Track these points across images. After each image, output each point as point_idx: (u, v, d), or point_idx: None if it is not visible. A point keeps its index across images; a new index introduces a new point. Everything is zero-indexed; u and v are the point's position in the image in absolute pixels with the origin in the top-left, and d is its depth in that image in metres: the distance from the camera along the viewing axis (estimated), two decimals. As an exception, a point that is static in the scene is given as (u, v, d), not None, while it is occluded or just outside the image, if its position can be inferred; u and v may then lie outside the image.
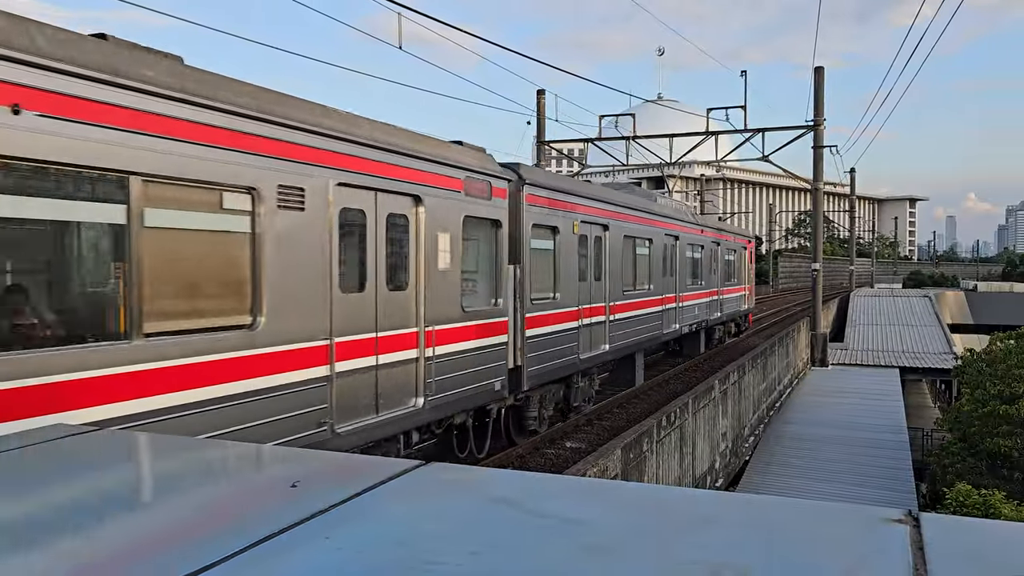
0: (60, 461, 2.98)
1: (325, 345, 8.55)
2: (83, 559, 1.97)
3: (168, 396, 6.75)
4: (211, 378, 7.15)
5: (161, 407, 6.67)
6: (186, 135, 6.90)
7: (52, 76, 5.86)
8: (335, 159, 8.69)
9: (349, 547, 1.95)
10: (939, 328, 48.29)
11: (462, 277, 11.23)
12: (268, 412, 7.73)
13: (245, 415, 7.45)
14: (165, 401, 6.72)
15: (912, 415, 33.94)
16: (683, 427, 14.37)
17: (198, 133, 7.01)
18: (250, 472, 3.03)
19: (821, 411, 27.70)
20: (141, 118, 6.51)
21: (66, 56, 6.00)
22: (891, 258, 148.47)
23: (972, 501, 19.48)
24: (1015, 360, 27.46)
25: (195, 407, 6.99)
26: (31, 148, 5.71)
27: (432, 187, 10.41)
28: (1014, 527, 2.17)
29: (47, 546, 2.06)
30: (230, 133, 7.34)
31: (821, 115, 30.96)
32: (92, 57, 6.25)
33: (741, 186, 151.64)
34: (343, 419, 8.85)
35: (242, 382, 7.46)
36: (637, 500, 2.53)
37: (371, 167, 9.27)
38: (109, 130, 6.25)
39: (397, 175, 9.75)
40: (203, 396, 7.07)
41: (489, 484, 2.60)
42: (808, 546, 1.98)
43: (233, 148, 7.36)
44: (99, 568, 1.91)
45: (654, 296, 20.60)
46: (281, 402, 7.91)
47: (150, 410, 6.57)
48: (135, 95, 6.46)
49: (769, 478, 20.89)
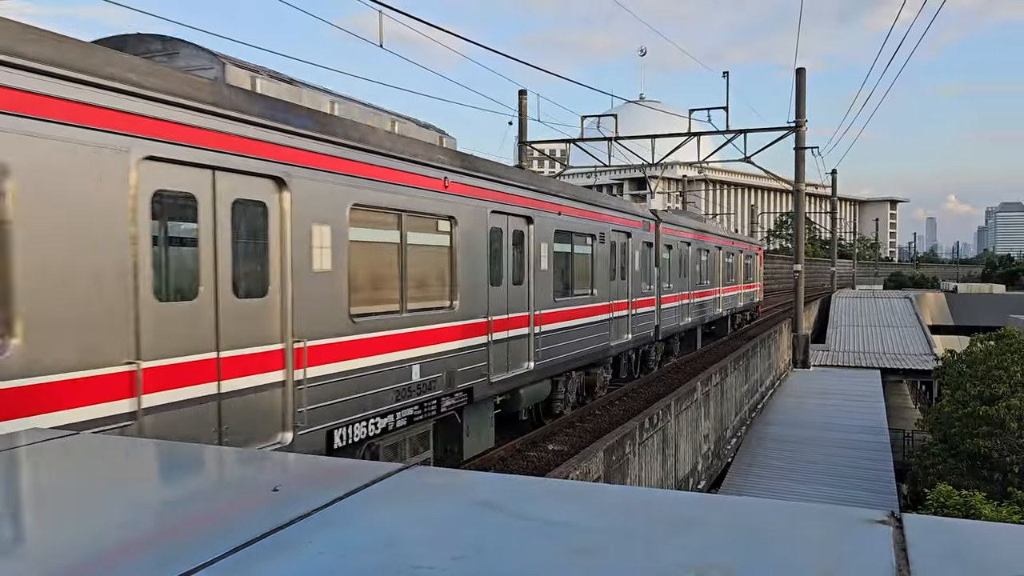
0: (34, 466, 2.95)
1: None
2: (60, 565, 1.94)
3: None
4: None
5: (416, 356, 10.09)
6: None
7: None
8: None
9: (331, 552, 1.93)
10: (920, 329, 48.67)
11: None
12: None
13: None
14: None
15: (893, 416, 34.18)
16: (665, 429, 14.40)
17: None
18: (231, 476, 3.01)
19: (803, 413, 27.87)
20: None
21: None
22: (872, 259, 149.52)
23: (953, 502, 19.64)
24: (995, 361, 27.71)
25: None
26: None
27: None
28: (996, 527, 2.19)
29: (20, 553, 2.03)
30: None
31: (803, 116, 31.15)
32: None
33: (723, 187, 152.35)
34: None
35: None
36: (620, 502, 2.53)
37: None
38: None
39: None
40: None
41: (472, 487, 2.59)
42: (792, 547, 1.98)
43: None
44: (77, 574, 1.88)
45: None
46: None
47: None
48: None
49: (751, 479, 20.98)
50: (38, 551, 2.07)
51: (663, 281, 22.67)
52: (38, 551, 2.07)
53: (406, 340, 10.04)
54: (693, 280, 26.31)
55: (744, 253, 37.32)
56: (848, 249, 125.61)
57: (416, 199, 10.18)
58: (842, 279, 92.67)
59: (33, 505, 2.51)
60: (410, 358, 10.09)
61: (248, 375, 7.59)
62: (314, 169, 8.42)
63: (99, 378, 6.17)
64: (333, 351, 8.71)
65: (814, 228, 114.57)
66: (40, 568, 1.93)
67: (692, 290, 26.11)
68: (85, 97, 6.04)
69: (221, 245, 7.33)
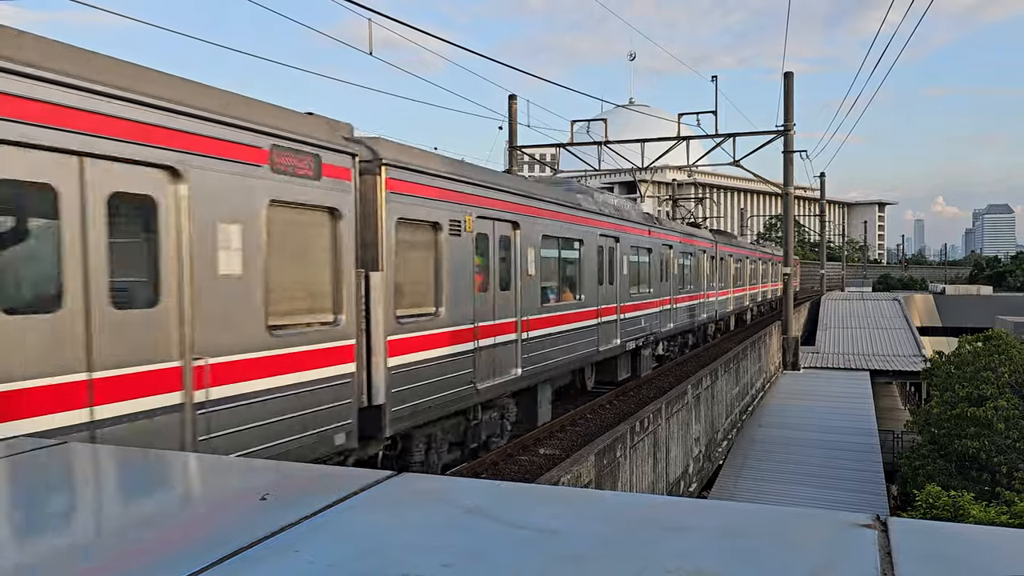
0: (22, 475, 2.93)
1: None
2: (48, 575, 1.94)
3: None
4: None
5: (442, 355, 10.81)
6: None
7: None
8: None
9: (320, 560, 1.93)
10: (908, 331, 48.88)
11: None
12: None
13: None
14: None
15: (883, 417, 34.32)
16: (656, 433, 14.42)
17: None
18: (219, 484, 3.00)
19: (793, 415, 27.95)
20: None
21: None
22: (861, 262, 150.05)
23: (942, 503, 19.73)
24: (982, 362, 27.89)
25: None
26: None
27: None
28: (980, 530, 2.21)
29: (2, 564, 2.03)
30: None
31: (791, 120, 31.28)
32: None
33: (713, 191, 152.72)
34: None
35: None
36: (610, 508, 2.54)
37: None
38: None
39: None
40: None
41: (462, 494, 2.59)
42: (778, 552, 1.99)
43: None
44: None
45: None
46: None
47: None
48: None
49: (742, 482, 21.04)
50: (22, 562, 2.07)
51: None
52: (22, 562, 2.07)
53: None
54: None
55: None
56: (837, 252, 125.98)
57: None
58: (831, 281, 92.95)
59: (17, 515, 2.50)
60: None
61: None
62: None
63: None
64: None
65: (803, 231, 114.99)
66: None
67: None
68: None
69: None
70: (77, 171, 5.92)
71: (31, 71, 5.58)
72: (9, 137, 5.41)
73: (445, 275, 10.97)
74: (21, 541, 2.28)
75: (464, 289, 11.53)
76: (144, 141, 6.40)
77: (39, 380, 5.60)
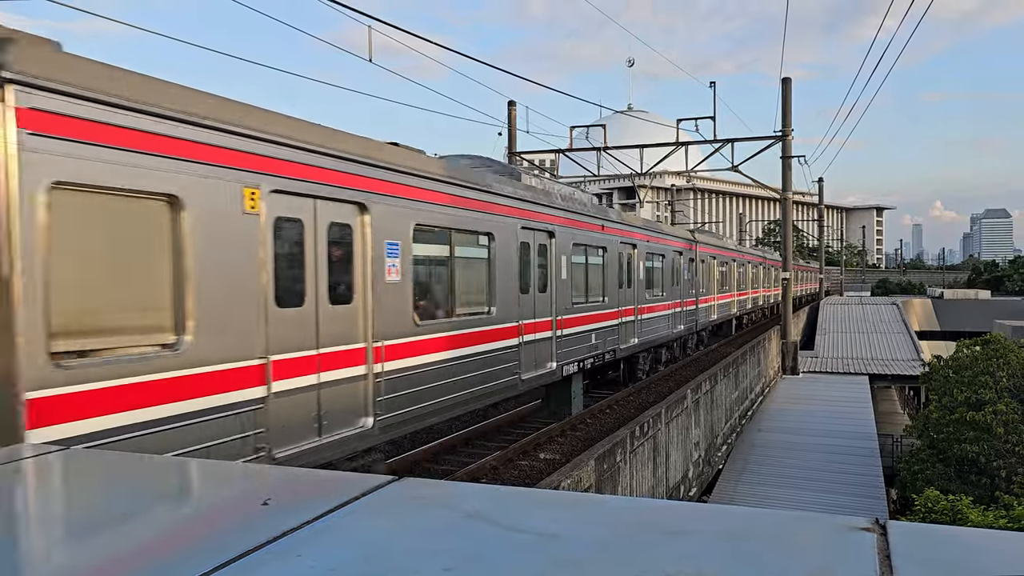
0: (24, 481, 2.94)
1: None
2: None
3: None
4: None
5: (452, 357, 11.40)
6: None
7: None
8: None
9: (322, 565, 1.94)
10: (907, 335, 48.90)
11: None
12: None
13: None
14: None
15: (882, 421, 34.32)
16: (656, 437, 14.43)
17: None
18: (221, 490, 3.01)
19: (792, 419, 27.95)
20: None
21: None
22: (859, 266, 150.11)
23: (941, 507, 19.73)
24: (981, 367, 27.87)
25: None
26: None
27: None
28: (979, 534, 2.21)
29: (9, 570, 2.03)
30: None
31: (789, 125, 31.32)
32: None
33: (711, 196, 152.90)
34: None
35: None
36: (610, 512, 2.55)
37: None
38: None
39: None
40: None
41: (463, 499, 2.60)
42: (777, 556, 2.00)
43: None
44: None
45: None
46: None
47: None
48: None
49: (742, 486, 21.04)
50: (27, 567, 2.07)
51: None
52: (27, 567, 2.07)
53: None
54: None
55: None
56: (836, 256, 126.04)
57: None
58: (830, 286, 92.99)
59: (22, 521, 2.51)
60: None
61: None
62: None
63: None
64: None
65: (802, 236, 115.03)
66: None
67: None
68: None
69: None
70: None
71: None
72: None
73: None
74: (23, 548, 2.29)
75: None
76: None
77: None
